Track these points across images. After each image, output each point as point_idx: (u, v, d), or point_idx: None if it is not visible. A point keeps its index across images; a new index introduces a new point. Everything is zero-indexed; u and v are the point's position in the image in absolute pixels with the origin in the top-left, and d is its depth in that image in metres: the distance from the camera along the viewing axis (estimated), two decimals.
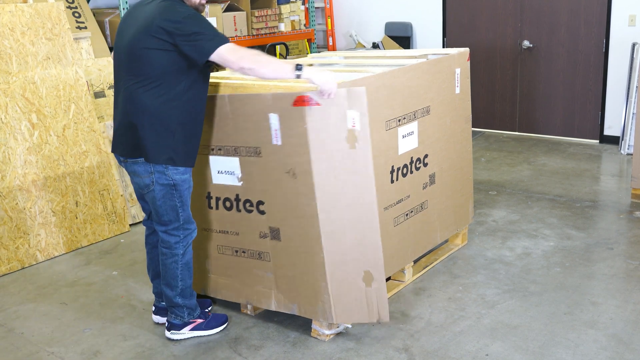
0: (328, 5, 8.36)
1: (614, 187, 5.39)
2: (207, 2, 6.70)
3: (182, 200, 3.11)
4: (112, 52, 3.25)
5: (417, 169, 3.74)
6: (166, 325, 3.35)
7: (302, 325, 3.38)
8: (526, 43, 7.00)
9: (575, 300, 3.54)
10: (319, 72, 2.91)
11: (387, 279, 3.78)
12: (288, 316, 3.47)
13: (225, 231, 3.42)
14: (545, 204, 5.05)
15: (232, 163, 3.26)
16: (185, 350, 3.23)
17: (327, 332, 3.24)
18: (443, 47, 7.64)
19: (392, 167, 3.53)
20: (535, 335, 3.22)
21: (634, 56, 6.16)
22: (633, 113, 6.12)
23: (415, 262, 3.93)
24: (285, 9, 7.24)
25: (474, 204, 4.82)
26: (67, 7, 5.42)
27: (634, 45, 6.23)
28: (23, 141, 4.34)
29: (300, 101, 2.89)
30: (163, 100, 2.94)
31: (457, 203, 4.16)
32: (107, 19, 5.96)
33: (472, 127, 5.63)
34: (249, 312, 3.53)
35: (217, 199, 3.40)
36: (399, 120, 3.53)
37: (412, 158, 3.68)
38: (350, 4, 8.31)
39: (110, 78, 5.23)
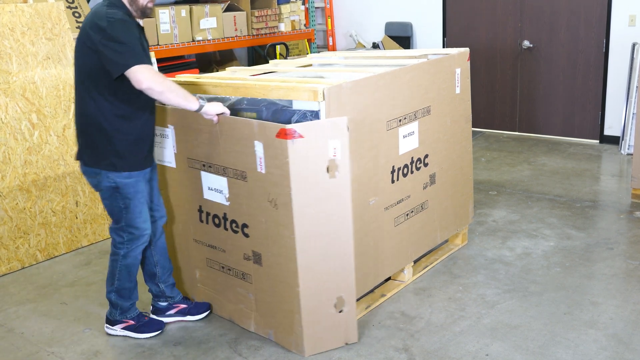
0: (328, 5, 8.36)
1: (614, 187, 5.39)
2: (206, 2, 6.70)
3: (126, 203, 3.14)
4: None
5: (418, 169, 3.74)
6: (105, 318, 3.46)
7: None
8: (526, 43, 7.00)
9: (575, 300, 3.54)
10: (213, 105, 3.05)
11: (387, 279, 3.78)
12: None
13: (214, 246, 3.45)
14: (545, 204, 5.05)
15: (221, 182, 3.27)
16: (185, 350, 3.23)
17: None
18: (443, 47, 7.64)
19: (393, 167, 3.53)
20: (535, 335, 3.22)
21: (634, 56, 6.16)
22: (633, 113, 6.12)
23: (415, 262, 3.93)
24: (285, 9, 7.24)
25: (474, 204, 4.82)
26: (67, 7, 5.42)
27: (634, 45, 6.23)
28: (23, 141, 4.34)
29: (283, 134, 2.88)
30: (97, 105, 3.02)
31: (457, 203, 4.17)
32: None
33: (472, 127, 5.63)
34: None
35: (207, 214, 3.42)
36: (400, 120, 3.53)
37: (412, 158, 3.68)
38: (350, 4, 8.31)
39: None
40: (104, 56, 2.89)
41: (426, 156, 3.80)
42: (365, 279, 3.42)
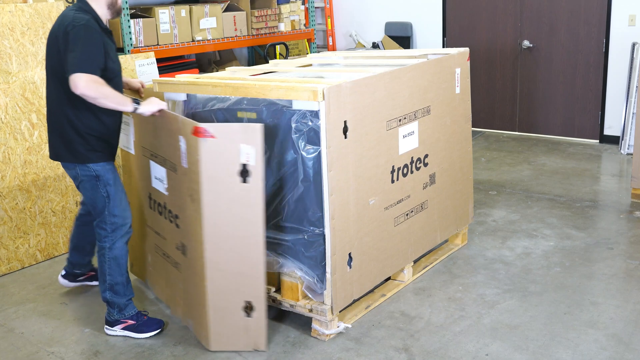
0: (328, 5, 8.36)
1: (614, 187, 5.39)
2: (206, 2, 6.71)
3: (108, 190, 3.31)
4: None
5: (418, 168, 3.74)
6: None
7: (302, 325, 3.39)
8: (526, 43, 7.00)
9: (575, 300, 3.54)
10: (148, 104, 3.23)
11: (387, 279, 3.78)
12: (288, 316, 3.47)
13: (159, 233, 3.60)
14: (545, 204, 5.05)
15: (162, 172, 3.42)
16: (185, 350, 3.23)
17: (327, 332, 3.24)
18: (443, 47, 7.64)
19: (393, 167, 3.53)
20: (535, 335, 3.22)
21: (634, 56, 6.16)
22: (633, 113, 6.12)
23: (415, 262, 3.93)
24: (285, 8, 7.24)
25: (474, 204, 4.82)
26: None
27: (634, 45, 6.22)
28: (23, 141, 4.34)
29: (196, 131, 2.98)
30: (67, 103, 3.22)
31: (457, 203, 4.17)
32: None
33: (472, 127, 5.63)
34: None
35: (154, 201, 3.59)
36: (400, 120, 3.53)
37: (412, 158, 3.68)
38: (350, 4, 8.31)
39: None
40: (63, 58, 3.12)
41: (426, 156, 3.79)
42: (365, 278, 3.42)
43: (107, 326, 3.44)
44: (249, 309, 3.13)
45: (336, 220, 3.15)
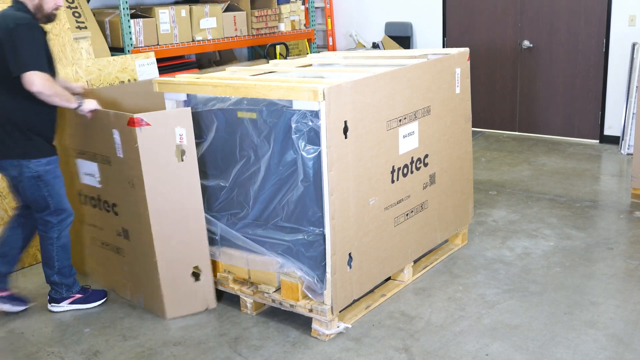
0: (328, 5, 8.36)
1: (614, 187, 5.39)
2: (206, 2, 6.70)
3: (49, 189, 3.47)
4: None
5: (418, 169, 3.74)
6: (48, 299, 3.70)
7: (302, 325, 3.39)
8: (526, 43, 7.00)
9: (575, 300, 3.54)
10: (87, 103, 3.48)
11: (387, 279, 3.78)
12: (288, 316, 3.47)
13: (94, 225, 3.91)
14: (545, 204, 5.05)
15: (93, 167, 3.73)
16: (185, 350, 3.23)
17: (327, 332, 3.24)
18: (443, 47, 7.64)
19: (393, 167, 3.53)
20: (535, 335, 3.22)
21: (634, 56, 6.16)
22: (633, 113, 6.12)
23: (415, 262, 3.93)
24: (285, 8, 7.24)
25: (474, 204, 4.82)
26: (67, 7, 5.42)
27: (634, 45, 6.23)
28: None
29: (132, 122, 3.29)
30: (8, 99, 3.34)
31: (457, 203, 4.16)
32: (107, 19, 5.96)
33: (472, 127, 5.63)
34: (248, 312, 3.54)
35: (85, 196, 3.89)
36: (400, 120, 3.53)
37: (412, 158, 3.68)
38: (350, 4, 8.31)
39: (110, 78, 5.23)
40: (7, 56, 3.22)
41: (426, 156, 3.80)
42: (365, 278, 3.42)
43: (52, 304, 3.68)
44: (197, 274, 3.52)
45: (336, 220, 3.16)
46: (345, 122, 3.14)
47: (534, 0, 6.88)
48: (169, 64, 6.28)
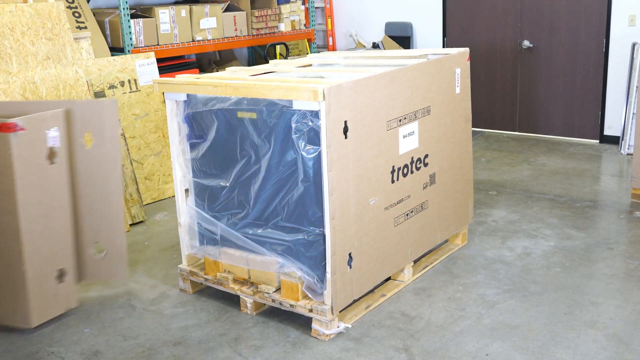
0: (328, 5, 8.36)
1: (614, 187, 5.39)
2: (206, 2, 6.71)
3: None
4: None
5: (418, 169, 3.74)
6: None
7: (302, 325, 3.39)
8: (526, 43, 7.00)
9: (575, 300, 3.54)
10: None
11: (387, 279, 3.78)
12: (288, 316, 3.47)
13: None
14: (545, 204, 5.05)
15: None
16: (185, 350, 3.23)
17: (327, 332, 3.24)
18: (443, 47, 7.64)
19: (393, 167, 3.53)
20: (535, 335, 3.22)
21: (634, 56, 6.16)
22: (633, 113, 6.12)
23: (415, 262, 3.93)
24: (285, 8, 7.24)
25: (474, 204, 4.82)
26: (67, 7, 5.42)
27: (634, 45, 6.22)
28: None
29: (5, 128, 3.17)
30: None
31: (457, 203, 4.17)
32: (107, 19, 5.96)
33: (472, 127, 5.63)
34: (248, 312, 3.54)
35: None
36: (400, 120, 3.53)
37: (412, 158, 3.68)
38: (350, 4, 8.31)
39: (110, 78, 5.24)
40: None
41: (426, 156, 3.80)
42: (365, 278, 3.42)
43: None
44: (61, 275, 3.51)
45: (336, 220, 3.15)
46: (346, 122, 3.14)
47: (534, 0, 6.88)
48: (169, 64, 6.28)
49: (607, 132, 6.73)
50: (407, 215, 3.70)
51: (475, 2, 7.28)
